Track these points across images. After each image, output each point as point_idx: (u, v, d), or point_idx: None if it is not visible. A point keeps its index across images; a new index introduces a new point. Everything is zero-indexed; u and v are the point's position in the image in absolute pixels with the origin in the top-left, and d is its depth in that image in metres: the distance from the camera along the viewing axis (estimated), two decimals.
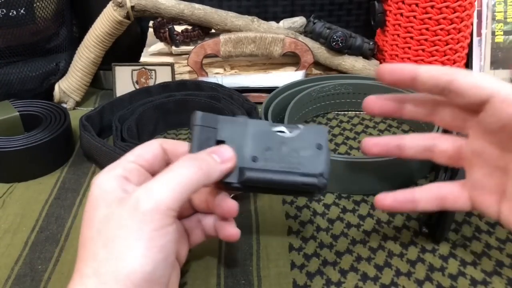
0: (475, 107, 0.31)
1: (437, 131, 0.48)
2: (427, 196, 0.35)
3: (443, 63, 0.64)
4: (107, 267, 0.26)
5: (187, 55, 0.62)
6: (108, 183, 0.29)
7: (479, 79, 0.31)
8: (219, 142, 0.32)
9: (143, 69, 0.62)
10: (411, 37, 0.64)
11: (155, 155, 0.32)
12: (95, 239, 0.27)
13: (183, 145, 0.33)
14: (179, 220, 0.34)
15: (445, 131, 0.47)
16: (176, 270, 0.32)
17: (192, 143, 0.31)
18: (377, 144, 0.37)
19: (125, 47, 0.67)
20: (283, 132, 0.33)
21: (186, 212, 0.35)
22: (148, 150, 0.32)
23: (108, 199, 0.28)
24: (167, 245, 0.27)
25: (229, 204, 0.32)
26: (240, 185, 0.32)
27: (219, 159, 0.30)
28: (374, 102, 0.36)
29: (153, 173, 0.31)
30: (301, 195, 0.34)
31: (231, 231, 0.33)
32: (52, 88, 0.62)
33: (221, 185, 0.32)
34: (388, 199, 0.36)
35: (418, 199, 0.35)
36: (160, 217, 0.27)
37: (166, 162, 0.32)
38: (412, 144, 0.36)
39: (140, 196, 0.27)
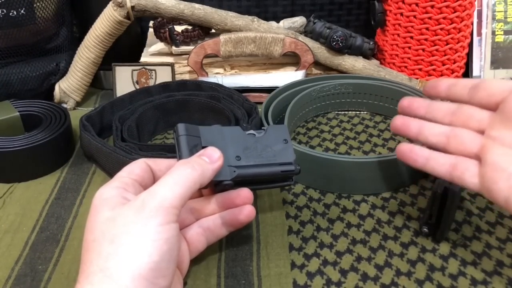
0: (496, 100, 0.35)
1: None
2: (441, 159, 0.37)
3: (443, 63, 0.64)
4: (113, 261, 0.27)
5: (187, 55, 0.62)
6: (109, 193, 0.31)
7: (502, 81, 0.36)
8: (205, 147, 0.36)
9: (143, 69, 0.62)
10: (411, 37, 0.64)
11: (143, 169, 0.35)
12: (100, 239, 0.28)
13: (164, 161, 0.36)
14: (180, 229, 0.35)
15: None
16: (178, 278, 0.34)
17: (182, 151, 0.35)
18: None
19: (125, 47, 0.67)
20: (253, 134, 0.39)
21: (187, 220, 0.37)
22: (136, 166, 0.35)
23: (110, 204, 0.30)
24: (171, 239, 0.29)
25: (245, 192, 0.37)
26: (232, 182, 0.36)
27: (209, 160, 0.34)
28: (409, 102, 0.41)
29: (144, 186, 0.33)
30: (280, 184, 0.41)
31: (248, 209, 0.37)
32: (53, 88, 0.62)
33: (214, 184, 0.36)
34: (407, 147, 0.39)
35: (432, 157, 0.37)
36: (164, 214, 0.29)
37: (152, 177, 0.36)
38: (431, 126, 0.39)
39: (145, 197, 0.30)
